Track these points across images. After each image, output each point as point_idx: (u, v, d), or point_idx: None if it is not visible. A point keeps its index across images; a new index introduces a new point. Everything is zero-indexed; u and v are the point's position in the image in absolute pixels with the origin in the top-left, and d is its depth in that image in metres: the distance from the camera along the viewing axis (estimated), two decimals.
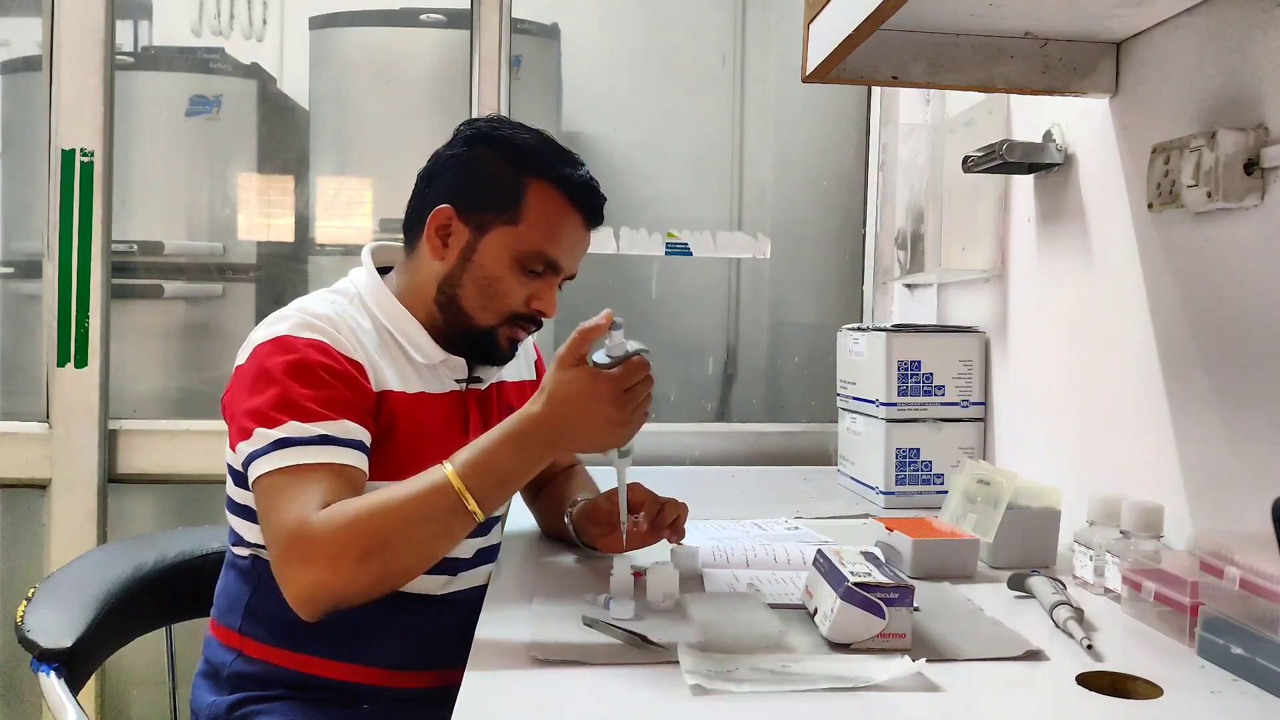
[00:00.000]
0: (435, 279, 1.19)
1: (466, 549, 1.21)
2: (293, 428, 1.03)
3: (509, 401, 1.31)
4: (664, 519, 1.19)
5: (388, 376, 1.15)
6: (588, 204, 1.20)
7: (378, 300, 1.19)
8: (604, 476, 1.44)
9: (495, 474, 0.99)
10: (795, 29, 1.32)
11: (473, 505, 0.98)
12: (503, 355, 1.23)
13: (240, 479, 1.11)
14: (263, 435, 1.04)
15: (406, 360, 1.19)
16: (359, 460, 1.07)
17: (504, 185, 1.16)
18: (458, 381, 1.23)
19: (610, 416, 0.99)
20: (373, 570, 0.97)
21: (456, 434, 1.20)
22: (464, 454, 1.00)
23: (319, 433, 1.04)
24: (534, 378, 1.39)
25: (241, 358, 1.12)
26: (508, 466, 1.00)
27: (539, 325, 1.23)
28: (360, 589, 0.98)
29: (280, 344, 1.09)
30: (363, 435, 1.08)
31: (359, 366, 1.11)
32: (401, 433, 1.14)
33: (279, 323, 1.12)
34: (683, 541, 1.23)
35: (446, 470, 0.99)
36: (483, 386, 1.26)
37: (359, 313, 1.18)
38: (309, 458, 1.03)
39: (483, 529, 1.25)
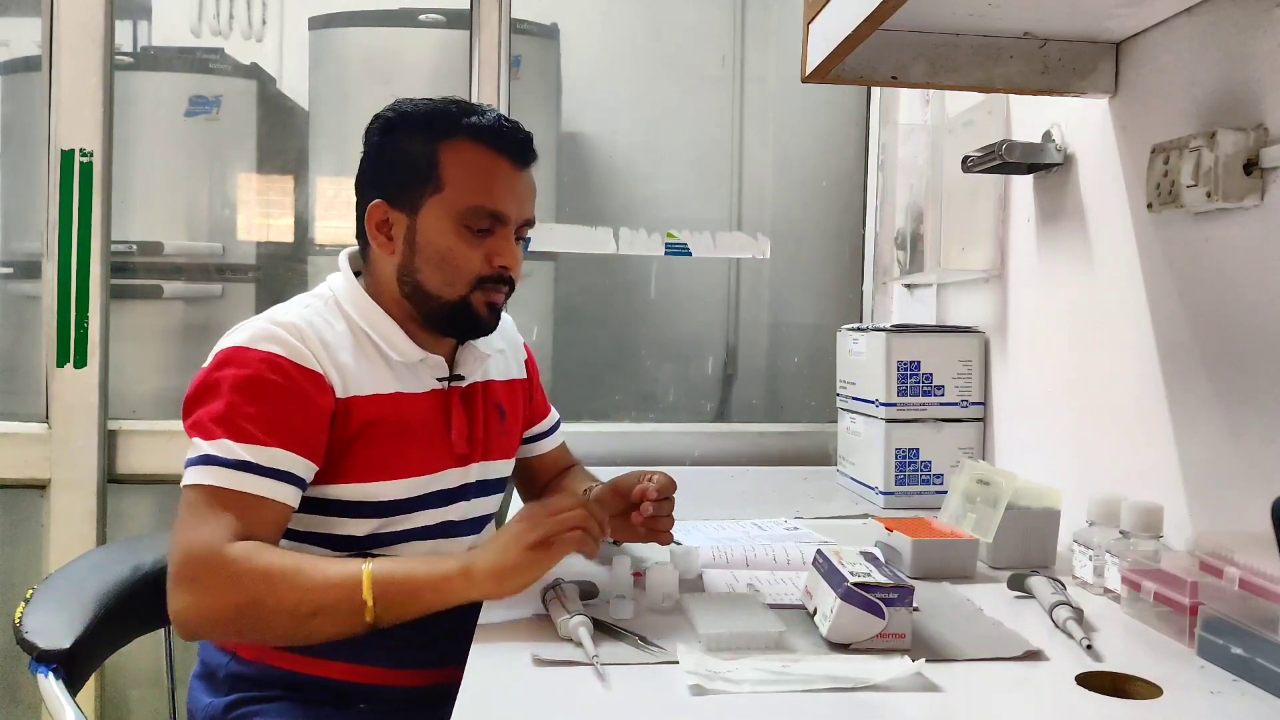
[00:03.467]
0: (394, 273, 1.19)
1: (465, 550, 1.21)
2: (222, 445, 1.04)
3: (498, 400, 1.30)
4: (660, 524, 1.20)
5: (360, 380, 1.14)
6: (506, 144, 1.17)
7: (353, 302, 1.19)
8: (602, 474, 1.44)
9: (405, 597, 1.01)
10: (795, 29, 1.32)
11: (369, 613, 0.99)
12: (485, 323, 1.20)
13: None
14: (196, 446, 1.05)
15: (384, 361, 1.18)
16: (282, 493, 1.06)
17: (419, 159, 1.16)
18: (439, 380, 1.23)
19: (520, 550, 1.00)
20: (247, 621, 1.00)
21: (438, 432, 1.20)
22: (385, 564, 1.02)
23: (243, 457, 1.04)
24: (524, 376, 1.39)
25: (208, 360, 1.12)
26: (422, 602, 1.01)
27: (510, 283, 1.20)
28: (226, 632, 1.04)
29: (236, 356, 1.08)
30: (296, 466, 1.07)
31: (316, 378, 1.10)
32: (378, 433, 1.14)
33: (241, 332, 1.11)
34: (683, 542, 1.23)
35: (363, 569, 1.00)
36: (464, 384, 1.25)
37: (333, 316, 1.17)
38: (228, 482, 1.03)
39: (481, 530, 1.25)
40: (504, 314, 1.42)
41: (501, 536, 1.03)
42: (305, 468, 1.08)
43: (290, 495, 1.07)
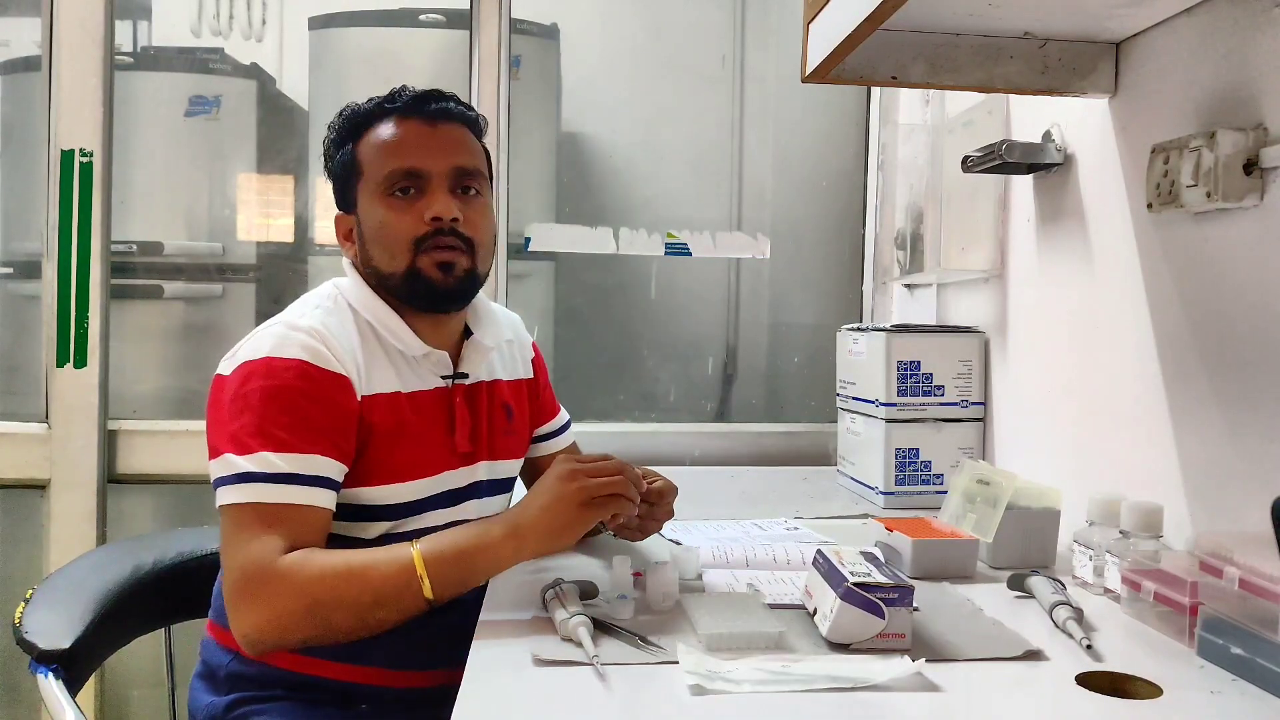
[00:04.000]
0: (363, 269, 1.21)
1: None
2: (261, 459, 1.04)
3: (505, 400, 1.30)
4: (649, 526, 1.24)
5: (374, 378, 1.15)
6: (405, 107, 1.19)
7: (360, 299, 1.19)
8: None
9: (459, 569, 1.04)
10: (795, 29, 1.32)
11: (428, 590, 1.02)
12: (441, 286, 1.17)
13: None
14: (230, 463, 1.05)
15: (388, 358, 1.18)
16: (323, 499, 1.08)
17: (346, 161, 1.21)
18: (443, 378, 1.23)
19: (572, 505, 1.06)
20: (314, 626, 1.02)
21: (440, 432, 1.20)
22: (432, 541, 1.05)
23: (285, 470, 1.05)
24: (531, 376, 1.39)
25: (224, 368, 1.11)
26: (476, 569, 1.06)
27: (459, 236, 1.17)
28: (297, 640, 1.04)
29: (263, 367, 1.09)
30: (332, 470, 1.09)
31: (343, 381, 1.11)
32: (387, 434, 1.14)
33: (263, 340, 1.11)
34: (683, 542, 1.23)
35: (412, 552, 1.03)
36: (467, 382, 1.26)
37: (344, 316, 1.17)
38: (272, 496, 1.04)
39: None
40: (512, 313, 1.42)
41: (543, 496, 1.06)
42: (339, 471, 1.10)
43: (330, 500, 1.09)
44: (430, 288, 1.17)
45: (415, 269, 1.16)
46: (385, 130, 1.19)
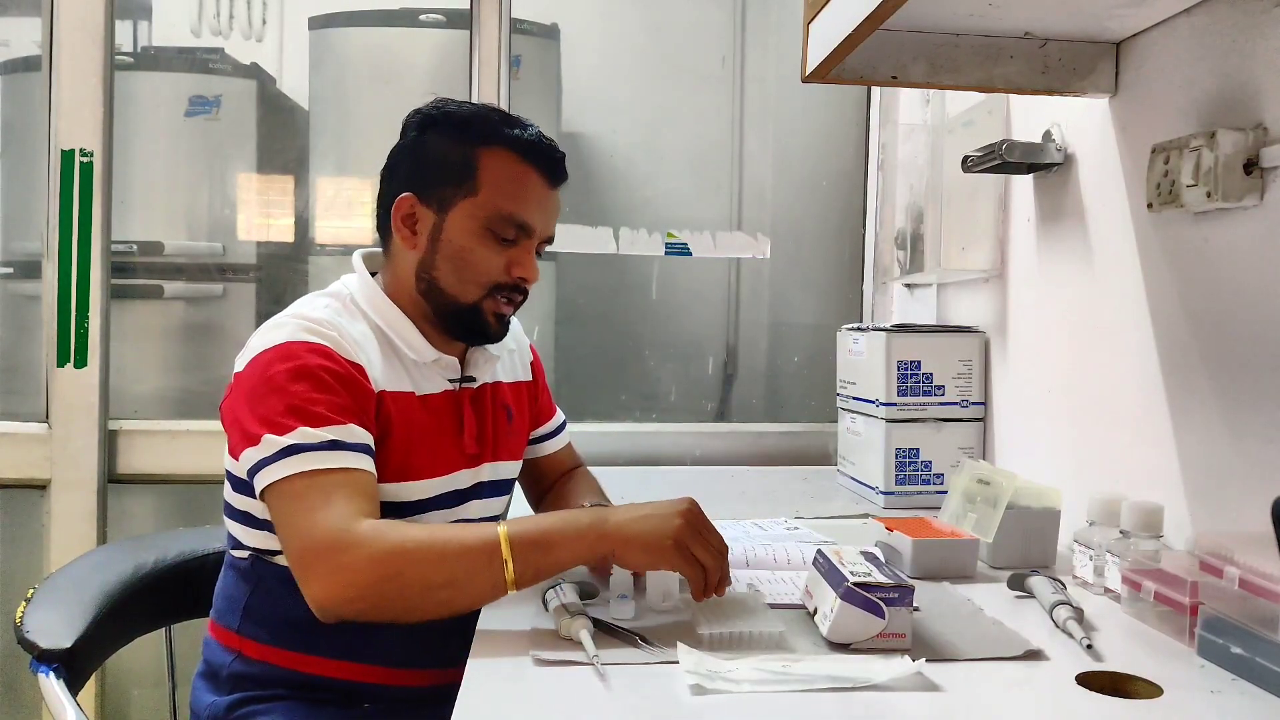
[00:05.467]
0: (412, 268, 1.19)
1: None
2: (303, 433, 1.04)
3: (505, 401, 1.31)
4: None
5: (387, 377, 1.16)
6: (544, 160, 1.19)
7: (370, 300, 1.20)
8: (609, 478, 1.44)
9: (540, 553, 1.00)
10: (795, 29, 1.32)
11: (510, 573, 0.98)
12: (492, 331, 1.21)
13: (240, 485, 1.11)
14: (272, 442, 1.04)
15: (399, 360, 1.19)
16: (367, 464, 1.07)
17: (456, 160, 1.17)
18: (451, 381, 1.23)
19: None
20: (388, 597, 0.98)
21: (449, 434, 1.21)
22: (516, 524, 1.01)
23: (328, 438, 1.04)
24: (529, 379, 1.39)
25: (240, 365, 1.12)
26: (557, 556, 1.00)
27: (524, 294, 1.21)
28: (367, 608, 0.99)
29: (282, 351, 1.09)
30: (368, 439, 1.09)
31: (359, 368, 1.12)
32: (396, 432, 1.15)
33: (278, 330, 1.11)
34: None
35: (498, 531, 0.99)
36: (475, 385, 1.26)
37: (353, 315, 1.18)
38: (322, 463, 1.03)
39: None
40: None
41: (646, 509, 1.01)
42: (372, 440, 1.10)
43: (373, 465, 1.08)
44: (482, 328, 1.20)
45: (479, 307, 1.19)
46: (514, 166, 1.17)
